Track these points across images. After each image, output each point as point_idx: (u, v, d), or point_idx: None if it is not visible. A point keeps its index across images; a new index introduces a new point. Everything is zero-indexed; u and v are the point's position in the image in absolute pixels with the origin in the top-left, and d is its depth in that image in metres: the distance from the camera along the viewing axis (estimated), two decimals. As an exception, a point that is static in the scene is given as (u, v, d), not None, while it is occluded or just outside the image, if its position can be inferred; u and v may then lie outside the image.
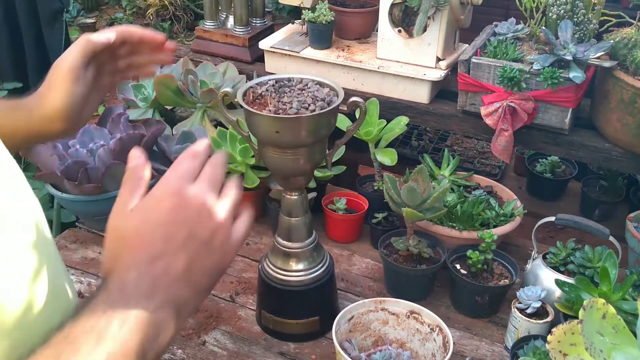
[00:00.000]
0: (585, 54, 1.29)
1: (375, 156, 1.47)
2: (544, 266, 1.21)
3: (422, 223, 1.34)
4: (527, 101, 1.32)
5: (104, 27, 3.46)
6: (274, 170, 1.12)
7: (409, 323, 1.12)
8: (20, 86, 1.73)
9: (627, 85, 1.25)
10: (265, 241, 1.52)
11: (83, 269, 1.41)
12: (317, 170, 1.47)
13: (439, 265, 1.28)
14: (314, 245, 1.17)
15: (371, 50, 1.62)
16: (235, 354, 1.17)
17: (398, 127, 1.46)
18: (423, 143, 2.38)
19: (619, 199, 1.94)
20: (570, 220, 1.23)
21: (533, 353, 1.04)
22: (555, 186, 2.08)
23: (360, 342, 1.13)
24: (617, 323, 0.70)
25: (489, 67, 1.36)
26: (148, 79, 1.64)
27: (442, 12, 1.44)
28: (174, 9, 3.54)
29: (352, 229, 1.50)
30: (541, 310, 1.14)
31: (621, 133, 1.30)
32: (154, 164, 1.51)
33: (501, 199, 1.50)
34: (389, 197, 1.29)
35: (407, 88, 1.53)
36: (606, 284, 1.06)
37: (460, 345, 1.20)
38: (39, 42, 1.75)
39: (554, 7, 1.35)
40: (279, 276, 1.16)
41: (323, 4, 1.63)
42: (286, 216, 1.14)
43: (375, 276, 1.39)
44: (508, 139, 1.36)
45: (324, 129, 1.02)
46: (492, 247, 1.25)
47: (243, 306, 1.30)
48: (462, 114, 1.47)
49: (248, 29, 1.82)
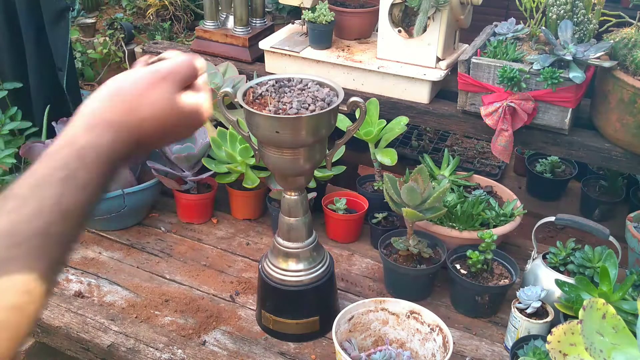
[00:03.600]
0: (585, 54, 1.29)
1: (375, 156, 1.47)
2: (544, 266, 1.21)
3: (422, 223, 1.34)
4: (527, 101, 1.32)
5: (104, 27, 3.46)
6: (274, 170, 1.12)
7: (409, 323, 1.12)
8: (21, 86, 1.73)
9: (627, 85, 1.25)
10: (265, 241, 1.52)
11: (83, 269, 1.41)
12: (317, 170, 1.47)
13: (439, 265, 1.28)
14: (314, 245, 1.17)
15: (371, 51, 1.62)
16: (235, 354, 1.17)
17: (398, 127, 1.46)
18: (423, 143, 2.38)
19: (619, 199, 1.94)
20: (570, 220, 1.23)
21: (533, 353, 1.04)
22: (555, 186, 2.08)
23: (360, 342, 1.13)
24: (617, 323, 0.70)
25: (489, 67, 1.36)
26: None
27: (442, 12, 1.44)
28: (174, 9, 3.54)
29: (352, 229, 1.50)
30: (541, 310, 1.14)
31: (621, 133, 1.30)
32: (154, 164, 1.51)
33: (501, 199, 1.50)
34: (389, 197, 1.29)
35: (407, 88, 1.53)
36: (606, 284, 1.06)
37: (460, 345, 1.20)
38: (39, 41, 1.74)
39: (554, 7, 1.35)
40: (279, 276, 1.16)
41: (323, 4, 1.63)
42: (286, 216, 1.14)
43: (375, 276, 1.39)
44: (508, 139, 1.36)
45: (324, 129, 1.02)
46: (492, 247, 1.25)
47: (243, 306, 1.30)
48: (462, 114, 1.47)
49: (248, 29, 1.82)
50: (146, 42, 3.16)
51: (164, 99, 0.59)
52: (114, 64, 3.29)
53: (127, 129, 0.56)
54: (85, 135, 0.53)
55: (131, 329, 1.24)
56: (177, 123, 0.60)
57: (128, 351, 1.18)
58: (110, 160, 0.54)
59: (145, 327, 1.24)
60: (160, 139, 0.61)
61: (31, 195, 0.49)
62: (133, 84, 0.58)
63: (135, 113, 0.56)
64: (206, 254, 1.47)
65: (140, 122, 0.57)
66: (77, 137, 0.53)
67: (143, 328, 1.24)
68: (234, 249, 1.49)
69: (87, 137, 0.53)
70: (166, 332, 1.23)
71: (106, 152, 0.54)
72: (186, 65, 0.62)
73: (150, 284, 1.36)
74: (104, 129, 0.54)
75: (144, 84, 0.58)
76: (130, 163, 0.61)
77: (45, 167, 0.51)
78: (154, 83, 0.58)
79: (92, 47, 3.33)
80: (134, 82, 0.58)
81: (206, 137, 1.52)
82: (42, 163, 0.51)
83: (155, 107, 0.58)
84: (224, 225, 1.58)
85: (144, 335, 1.22)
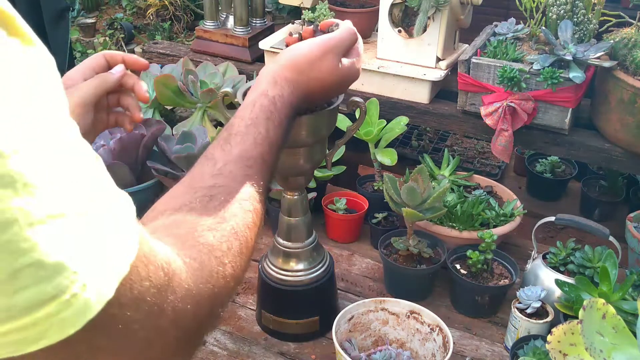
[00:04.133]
0: (585, 54, 1.29)
1: (375, 156, 1.47)
2: (544, 266, 1.21)
3: (422, 223, 1.34)
4: (527, 101, 1.32)
5: (104, 27, 3.46)
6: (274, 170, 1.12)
7: (409, 323, 1.12)
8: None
9: (627, 85, 1.25)
10: (265, 241, 1.52)
11: (83, 269, 1.41)
12: (317, 170, 1.47)
13: (439, 265, 1.28)
14: (314, 245, 1.17)
15: (371, 50, 1.62)
16: (235, 354, 1.17)
17: (398, 127, 1.46)
18: (423, 143, 2.38)
19: (619, 199, 1.94)
20: (570, 220, 1.23)
21: (533, 353, 1.04)
22: (555, 186, 2.08)
23: (360, 342, 1.13)
24: (617, 323, 0.70)
25: (489, 67, 1.36)
26: (148, 79, 1.64)
27: (442, 12, 1.44)
28: (174, 9, 3.54)
29: (352, 229, 1.50)
30: (541, 310, 1.14)
31: (621, 133, 1.30)
32: (154, 164, 1.51)
33: (501, 199, 1.50)
34: (389, 197, 1.29)
35: (407, 88, 1.53)
36: (606, 284, 1.06)
37: (460, 345, 1.20)
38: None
39: (554, 7, 1.35)
40: (279, 276, 1.16)
41: (323, 4, 1.63)
42: (286, 216, 1.14)
43: (375, 276, 1.39)
44: (508, 139, 1.36)
45: (324, 129, 1.02)
46: (492, 247, 1.25)
47: (243, 306, 1.30)
48: (462, 114, 1.47)
49: (248, 29, 1.82)
50: (146, 42, 3.16)
51: (329, 67, 0.75)
52: (114, 64, 3.29)
53: (299, 85, 0.73)
54: (272, 89, 0.71)
55: (131, 329, 1.23)
56: (337, 82, 0.77)
57: (128, 351, 1.18)
58: (291, 106, 0.71)
59: (145, 327, 1.24)
60: (323, 95, 0.79)
61: (247, 132, 0.65)
62: (306, 53, 0.75)
63: (305, 74, 0.74)
64: (206, 254, 1.47)
65: (308, 80, 0.74)
66: (267, 91, 0.70)
67: (143, 328, 1.24)
68: (234, 249, 1.49)
69: (274, 90, 0.71)
70: (166, 332, 1.23)
71: (288, 100, 0.71)
72: (350, 35, 0.78)
73: (150, 284, 1.36)
74: (284, 84, 0.72)
75: (314, 54, 0.75)
76: (300, 112, 0.84)
77: (252, 112, 0.67)
78: (323, 54, 0.75)
79: (92, 47, 3.33)
80: (307, 52, 0.75)
81: (206, 137, 1.52)
82: (247, 110, 0.68)
83: (322, 71, 0.75)
84: (224, 225, 1.58)
85: (144, 335, 1.22)
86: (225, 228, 0.53)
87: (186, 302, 0.44)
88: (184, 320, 0.45)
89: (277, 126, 0.68)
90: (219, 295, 0.49)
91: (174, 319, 0.43)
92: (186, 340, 0.46)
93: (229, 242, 0.52)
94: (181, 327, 0.45)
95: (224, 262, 0.50)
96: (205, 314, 0.47)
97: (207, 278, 0.48)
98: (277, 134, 0.68)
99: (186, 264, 0.46)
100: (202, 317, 0.47)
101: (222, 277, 0.50)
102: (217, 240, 0.51)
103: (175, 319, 0.43)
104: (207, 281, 0.48)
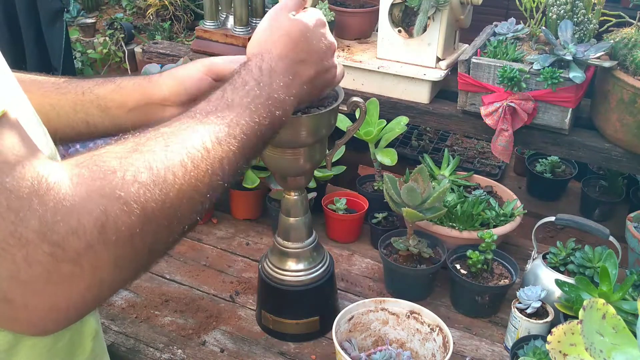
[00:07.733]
0: (585, 54, 1.29)
1: (375, 156, 1.47)
2: (544, 266, 1.21)
3: (422, 223, 1.34)
4: (527, 101, 1.32)
5: (104, 27, 3.46)
6: (274, 170, 1.12)
7: (409, 323, 1.12)
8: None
9: (627, 85, 1.25)
10: (265, 241, 1.52)
11: (83, 269, 1.41)
12: (317, 170, 1.47)
13: (439, 265, 1.28)
14: (314, 245, 1.17)
15: (371, 50, 1.62)
16: (235, 354, 1.17)
17: (398, 127, 1.46)
18: (423, 143, 2.38)
19: (619, 199, 1.94)
20: (570, 220, 1.23)
21: (533, 353, 1.04)
22: (555, 186, 2.08)
23: (360, 342, 1.13)
24: (617, 323, 0.70)
25: (489, 67, 1.36)
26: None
27: (442, 12, 1.44)
28: (174, 9, 3.54)
29: (352, 229, 1.50)
30: (541, 310, 1.14)
31: (621, 133, 1.30)
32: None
33: (501, 199, 1.50)
34: (389, 197, 1.29)
35: (407, 88, 1.53)
36: (606, 284, 1.06)
37: (460, 345, 1.20)
38: (38, 41, 1.74)
39: (554, 7, 1.34)
40: (279, 276, 1.16)
41: (323, 3, 1.63)
42: (286, 216, 1.14)
43: (375, 276, 1.39)
44: (508, 139, 1.35)
45: (324, 129, 1.02)
46: (492, 247, 1.25)
47: (243, 306, 1.30)
48: (462, 114, 1.46)
49: (248, 29, 1.82)
50: (146, 42, 3.16)
51: (282, 23, 0.77)
52: (114, 64, 3.29)
53: (270, 52, 0.74)
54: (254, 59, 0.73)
55: (131, 329, 1.24)
56: (300, 30, 0.77)
57: (128, 351, 1.18)
58: (270, 72, 0.72)
59: (145, 327, 1.24)
60: (298, 51, 0.76)
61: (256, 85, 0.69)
62: (260, 27, 0.78)
63: (269, 42, 0.75)
64: (206, 254, 1.47)
65: (274, 43, 0.75)
66: (248, 57, 0.75)
67: (143, 328, 1.24)
68: (233, 249, 1.49)
69: (255, 60, 0.73)
70: (166, 332, 1.23)
71: (267, 62, 0.73)
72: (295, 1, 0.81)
73: (150, 284, 1.36)
74: (254, 59, 0.74)
75: (265, 24, 0.78)
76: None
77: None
78: (271, 20, 0.78)
79: (92, 47, 3.33)
80: (260, 27, 0.78)
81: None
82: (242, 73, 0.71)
83: (280, 28, 0.76)
84: (224, 225, 1.58)
85: (144, 335, 1.22)
86: (137, 158, 0.53)
87: (58, 215, 0.46)
88: (55, 235, 0.45)
89: (267, 85, 0.70)
90: (113, 218, 0.48)
91: (40, 231, 0.45)
92: (69, 260, 0.46)
93: (138, 171, 0.52)
94: (53, 242, 0.45)
95: (125, 187, 0.50)
96: (90, 233, 0.47)
97: (97, 199, 0.48)
98: (271, 89, 0.70)
99: (72, 181, 0.48)
100: (87, 235, 0.47)
101: (121, 202, 0.49)
102: (121, 167, 0.51)
103: (42, 231, 0.45)
104: (96, 201, 0.48)
